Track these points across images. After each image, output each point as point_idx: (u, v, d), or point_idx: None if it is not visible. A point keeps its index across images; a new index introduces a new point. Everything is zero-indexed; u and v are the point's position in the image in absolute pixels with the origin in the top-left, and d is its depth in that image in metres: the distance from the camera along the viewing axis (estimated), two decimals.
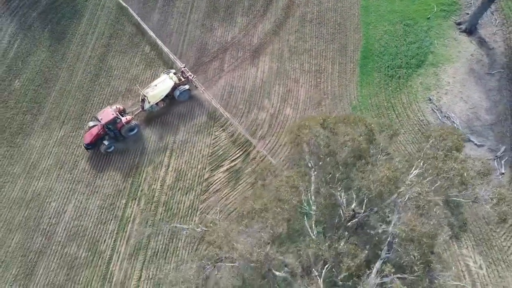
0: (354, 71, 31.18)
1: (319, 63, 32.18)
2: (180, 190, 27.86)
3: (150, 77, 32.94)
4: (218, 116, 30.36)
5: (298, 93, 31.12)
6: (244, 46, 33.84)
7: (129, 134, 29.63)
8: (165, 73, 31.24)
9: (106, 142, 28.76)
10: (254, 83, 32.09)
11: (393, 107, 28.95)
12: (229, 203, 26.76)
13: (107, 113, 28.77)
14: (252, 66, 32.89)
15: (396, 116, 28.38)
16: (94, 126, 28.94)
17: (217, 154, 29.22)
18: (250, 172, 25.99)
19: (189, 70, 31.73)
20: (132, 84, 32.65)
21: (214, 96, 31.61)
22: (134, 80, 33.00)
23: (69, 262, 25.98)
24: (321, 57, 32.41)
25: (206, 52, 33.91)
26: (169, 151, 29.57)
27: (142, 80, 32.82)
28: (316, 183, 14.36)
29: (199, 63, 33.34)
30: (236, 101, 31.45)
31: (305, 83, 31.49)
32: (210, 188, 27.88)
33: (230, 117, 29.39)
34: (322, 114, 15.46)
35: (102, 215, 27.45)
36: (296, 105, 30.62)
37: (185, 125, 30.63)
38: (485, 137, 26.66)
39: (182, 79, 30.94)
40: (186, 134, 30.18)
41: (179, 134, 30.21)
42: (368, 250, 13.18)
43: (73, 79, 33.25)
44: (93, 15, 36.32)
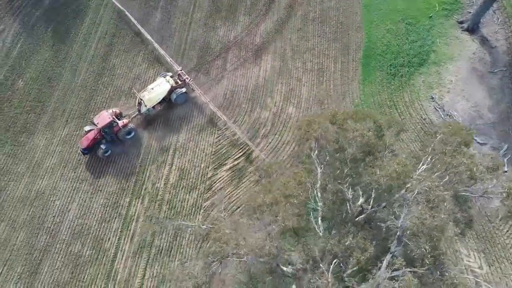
0: (357, 69, 31.26)
1: (321, 62, 32.26)
2: (183, 189, 27.98)
3: (152, 76, 33.04)
4: (216, 119, 30.29)
5: (301, 92, 31.22)
6: (247, 45, 33.93)
7: (126, 137, 29.48)
8: (161, 76, 31.10)
9: (103, 146, 28.62)
10: (256, 82, 32.18)
11: (395, 106, 29.04)
12: (233, 201, 26.89)
13: (103, 117, 28.61)
14: (254, 65, 32.99)
15: (398, 114, 28.47)
16: (90, 131, 28.76)
17: (220, 152, 29.33)
18: (254, 170, 26.05)
19: (186, 73, 31.65)
20: (135, 83, 32.77)
21: (216, 95, 31.75)
22: (137, 79, 33.13)
23: (74, 260, 26.12)
24: (324, 56, 32.49)
25: (209, 51, 34.00)
26: (172, 150, 29.68)
27: (145, 80, 32.91)
28: (322, 179, 14.45)
29: (202, 62, 33.43)
30: (239, 100, 31.54)
31: (308, 81, 31.59)
32: (213, 186, 28.01)
33: (227, 121, 29.32)
34: (331, 110, 15.47)
35: (106, 213, 27.57)
36: (299, 104, 30.73)
37: (187, 124, 30.74)
38: (488, 135, 26.75)
39: (179, 82, 30.77)
40: (189, 133, 30.29)
41: (182, 133, 30.31)
42: (374, 245, 13.28)
43: (76, 78, 33.36)
44: (96, 14, 36.41)
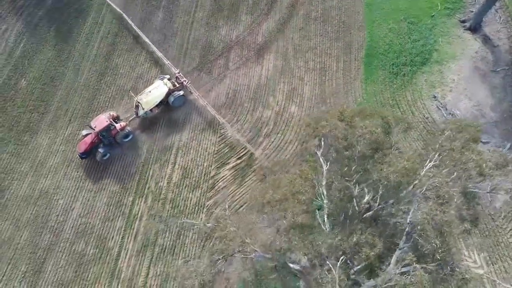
0: (359, 68, 31.33)
1: (323, 61, 32.33)
2: (186, 188, 28.06)
3: (155, 75, 33.09)
4: (215, 122, 30.34)
5: (303, 91, 31.28)
6: (249, 44, 34.00)
7: (124, 140, 29.37)
8: (159, 79, 30.96)
9: (101, 150, 28.44)
10: (259, 81, 32.25)
11: (398, 105, 29.10)
12: (236, 199, 26.97)
13: (100, 121, 28.44)
14: (257, 64, 33.06)
15: (401, 113, 28.51)
16: (88, 135, 28.59)
17: (223, 151, 29.41)
18: (259, 168, 26.13)
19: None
20: (138, 83, 32.86)
21: (218, 94, 31.83)
22: (139, 78, 33.21)
23: (78, 259, 26.22)
24: (326, 55, 32.55)
25: (211, 50, 34.06)
26: (175, 149, 29.75)
27: (147, 79, 32.96)
28: (329, 177, 14.51)
29: (204, 61, 33.50)
30: (242, 99, 31.61)
31: (310, 80, 31.65)
32: (216, 185, 28.09)
33: (225, 124, 29.30)
34: (339, 107, 15.53)
35: (110, 212, 27.66)
36: (301, 103, 30.79)
37: (190, 123, 30.81)
38: (491, 134, 26.79)
39: (177, 85, 30.64)
40: (191, 132, 30.36)
41: (185, 132, 30.39)
42: (382, 242, 13.35)
43: (79, 78, 33.44)
44: (98, 14, 36.47)
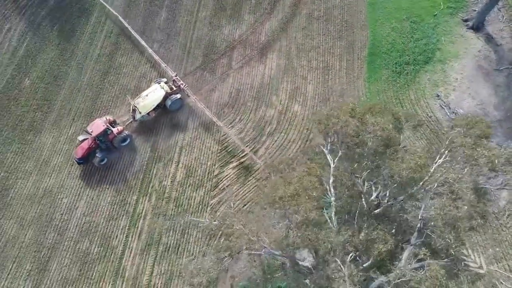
0: (362, 67, 31.39)
1: (326, 60, 32.39)
2: (190, 186, 28.13)
3: (158, 75, 33.17)
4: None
5: (306, 90, 31.35)
6: (252, 44, 34.06)
7: (122, 144, 29.16)
8: (156, 82, 30.85)
9: (99, 155, 28.25)
10: (262, 80, 32.32)
11: (401, 104, 29.16)
12: (239, 198, 27.05)
13: (97, 125, 28.28)
14: (259, 64, 33.13)
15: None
16: (84, 140, 28.43)
17: (226, 150, 29.48)
18: (264, 167, 26.19)
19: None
20: (141, 82, 32.93)
21: (221, 93, 31.89)
22: (143, 78, 33.26)
23: (82, 257, 26.29)
24: (329, 54, 32.61)
25: (214, 49, 34.12)
26: (178, 148, 29.82)
27: (150, 78, 32.99)
28: (337, 174, 14.56)
29: (207, 61, 33.56)
30: (245, 98, 31.68)
31: (313, 79, 31.72)
32: (220, 184, 28.17)
33: (224, 127, 29.26)
34: (350, 104, 15.61)
35: (114, 211, 27.73)
36: (304, 102, 30.86)
37: (193, 122, 30.88)
38: (494, 133, 26.77)
39: (174, 88, 30.51)
40: (195, 131, 30.43)
41: (188, 131, 30.46)
42: (393, 238, 13.41)
43: (83, 77, 33.49)
44: (101, 13, 36.52)
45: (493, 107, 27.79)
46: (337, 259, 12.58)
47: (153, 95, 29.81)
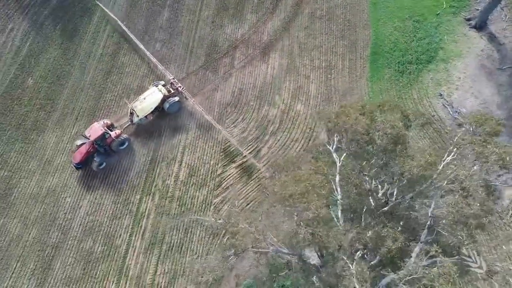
0: (364, 67, 31.41)
1: (329, 59, 32.42)
2: (193, 185, 28.19)
3: (161, 74, 33.18)
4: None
5: (309, 89, 31.39)
6: (254, 43, 34.09)
7: (120, 148, 29.07)
8: (153, 85, 30.70)
9: (97, 159, 28.11)
10: (264, 79, 32.36)
11: (404, 103, 29.11)
12: (242, 197, 27.10)
13: (95, 130, 28.18)
14: (262, 63, 33.16)
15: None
16: (82, 144, 28.23)
17: (229, 150, 29.52)
18: (268, 165, 26.23)
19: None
20: (144, 81, 32.98)
21: (224, 93, 31.93)
22: (145, 77, 33.30)
23: (86, 256, 26.36)
24: (331, 53, 32.64)
25: (216, 49, 34.16)
26: (181, 147, 29.87)
27: (153, 78, 33.00)
28: (345, 172, 14.61)
29: (210, 60, 33.60)
30: (247, 97, 31.72)
31: (316, 79, 31.75)
32: (223, 183, 28.22)
33: (222, 130, 29.23)
34: (359, 101, 15.70)
35: (117, 210, 27.79)
36: (307, 101, 30.90)
37: (196, 121, 30.91)
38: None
39: (172, 91, 30.38)
40: (198, 131, 30.47)
41: (191, 131, 30.50)
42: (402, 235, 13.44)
43: (85, 77, 33.54)
44: (103, 12, 36.53)
45: (496, 106, 27.79)
46: (344, 256, 12.63)
47: (150, 98, 29.63)
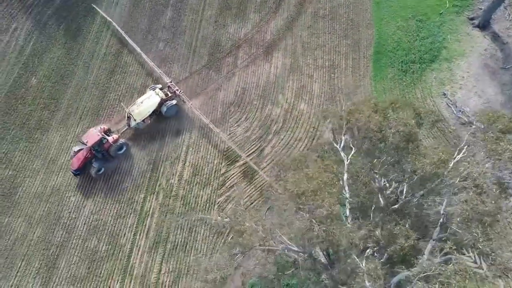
0: (368, 66, 31.45)
1: (332, 58, 32.46)
2: (197, 185, 28.25)
3: (164, 73, 33.22)
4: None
5: (312, 88, 31.43)
6: (257, 42, 34.14)
7: (118, 153, 28.94)
8: (151, 89, 30.62)
9: (96, 165, 27.99)
10: (267, 79, 32.41)
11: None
12: (246, 196, 27.15)
13: (92, 135, 28.07)
14: (265, 62, 33.21)
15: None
16: (80, 150, 28.09)
17: (232, 149, 29.55)
18: (274, 164, 26.29)
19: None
20: (147, 81, 33.05)
21: (227, 92, 31.97)
22: (148, 76, 33.35)
23: (90, 255, 26.44)
24: (335, 52, 32.68)
25: (219, 48, 34.21)
26: (185, 147, 29.94)
27: (157, 78, 33.03)
28: (354, 170, 14.65)
29: (213, 60, 33.65)
30: (250, 96, 31.77)
31: (319, 78, 31.80)
32: (227, 182, 28.28)
33: (220, 133, 29.21)
34: (372, 99, 15.75)
35: (121, 209, 27.86)
36: (311, 100, 30.95)
37: (199, 121, 30.94)
38: None
39: (169, 94, 30.30)
40: (201, 130, 30.52)
41: (195, 130, 30.56)
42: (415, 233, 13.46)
43: (89, 76, 33.60)
44: (107, 12, 36.59)
45: (500, 105, 27.80)
46: (354, 254, 12.68)
47: (148, 102, 29.55)
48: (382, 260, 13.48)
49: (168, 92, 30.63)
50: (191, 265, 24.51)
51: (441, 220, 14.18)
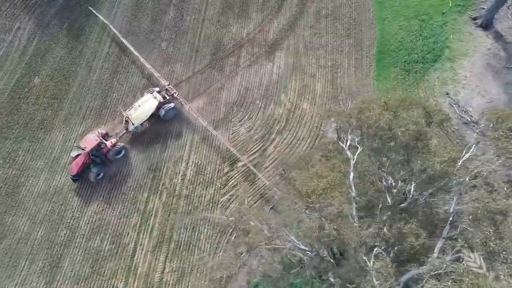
0: (371, 66, 31.46)
1: (335, 58, 32.48)
2: (200, 184, 28.30)
3: (167, 73, 33.28)
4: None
5: (315, 88, 31.46)
6: (260, 42, 34.17)
7: (116, 157, 28.83)
8: (148, 92, 30.44)
9: (94, 170, 27.90)
10: (270, 78, 32.44)
11: None
12: (249, 196, 27.20)
13: (90, 140, 28.00)
14: (268, 62, 33.25)
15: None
16: (78, 156, 28.03)
17: (235, 148, 29.58)
18: (277, 163, 26.32)
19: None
20: (150, 81, 33.08)
21: (230, 92, 32.01)
22: (151, 76, 33.37)
23: (94, 254, 26.51)
24: (337, 52, 32.70)
25: (222, 48, 34.23)
26: (188, 146, 29.98)
27: (154, 79, 32.97)
28: (360, 169, 14.67)
29: (216, 59, 33.68)
30: (253, 96, 31.81)
31: (322, 77, 31.83)
32: (230, 182, 28.33)
33: (218, 135, 29.23)
34: (382, 97, 15.78)
35: (125, 208, 27.92)
36: (313, 100, 30.98)
37: (203, 121, 30.96)
38: None
39: (167, 97, 30.13)
40: (204, 130, 30.55)
41: (198, 130, 30.59)
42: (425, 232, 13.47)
43: (92, 76, 33.65)
44: (109, 12, 36.63)
45: (503, 105, 27.77)
46: (361, 253, 12.71)
47: (145, 106, 29.39)
48: (388, 259, 13.50)
49: (166, 95, 30.42)
50: (195, 264, 24.59)
51: (450, 218, 14.21)
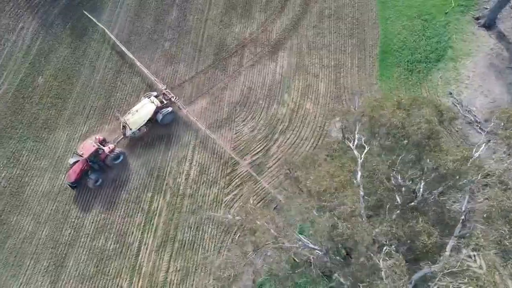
0: (374, 65, 31.52)
1: (338, 58, 32.53)
2: (204, 184, 28.37)
3: (170, 73, 33.39)
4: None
5: (318, 88, 31.52)
6: (263, 42, 34.23)
7: (115, 163, 28.72)
8: (145, 97, 30.33)
9: (93, 176, 27.82)
10: (273, 78, 32.50)
11: None
12: (254, 194, 27.27)
13: (87, 146, 27.88)
14: (271, 61, 33.31)
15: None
16: (76, 162, 27.90)
17: (238, 148, 29.68)
18: (282, 163, 26.37)
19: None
20: (151, 82, 33.17)
21: (233, 92, 32.07)
22: (154, 76, 33.45)
23: (98, 254, 26.59)
24: (340, 52, 32.75)
25: (225, 48, 34.30)
26: (192, 146, 30.05)
27: (163, 77, 33.08)
28: (371, 168, 14.71)
29: (219, 59, 33.75)
30: (256, 96, 31.86)
31: (325, 77, 31.88)
32: (233, 181, 28.39)
33: (216, 139, 29.23)
34: (395, 95, 15.83)
35: (129, 208, 28.00)
36: (317, 100, 31.03)
37: (206, 121, 31.04)
38: None
39: (165, 102, 30.03)
40: (208, 129, 30.60)
41: (201, 129, 30.65)
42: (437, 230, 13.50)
43: (95, 75, 33.74)
44: (112, 12, 36.74)
45: (507, 104, 27.79)
46: (371, 253, 12.76)
47: (143, 110, 29.28)
48: (397, 258, 13.54)
49: (164, 100, 30.30)
50: (199, 264, 24.68)
51: (462, 217, 14.27)
